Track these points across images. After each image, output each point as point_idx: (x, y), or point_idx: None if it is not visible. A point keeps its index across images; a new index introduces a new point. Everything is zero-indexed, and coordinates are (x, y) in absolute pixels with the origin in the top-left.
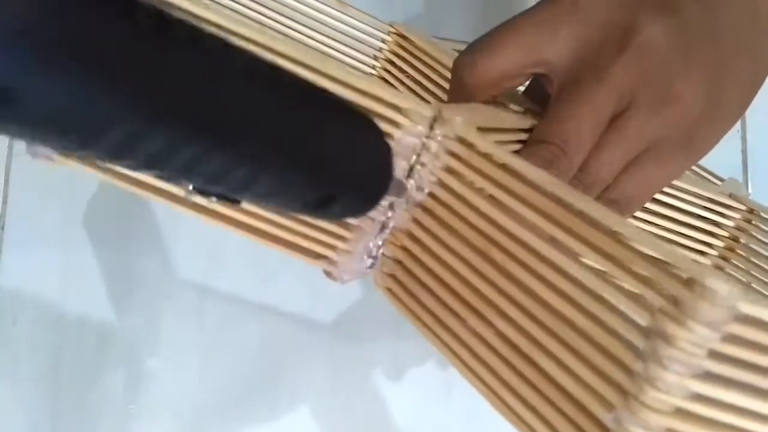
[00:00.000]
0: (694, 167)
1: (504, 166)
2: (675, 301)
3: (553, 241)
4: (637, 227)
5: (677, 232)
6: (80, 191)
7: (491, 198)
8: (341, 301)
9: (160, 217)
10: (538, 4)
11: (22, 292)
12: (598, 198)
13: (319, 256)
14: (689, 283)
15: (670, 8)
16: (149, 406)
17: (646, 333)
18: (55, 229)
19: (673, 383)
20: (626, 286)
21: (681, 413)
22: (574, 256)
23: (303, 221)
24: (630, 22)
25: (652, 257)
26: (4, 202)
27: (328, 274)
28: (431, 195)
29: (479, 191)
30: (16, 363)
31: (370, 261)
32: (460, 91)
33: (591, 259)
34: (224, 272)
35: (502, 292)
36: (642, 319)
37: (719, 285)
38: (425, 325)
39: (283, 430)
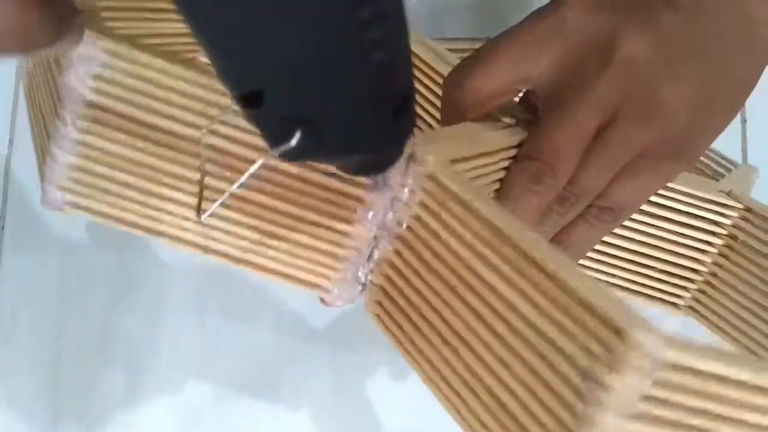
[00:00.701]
0: (708, 152)
1: (466, 205)
2: (607, 348)
3: (505, 279)
4: (580, 272)
5: (675, 232)
6: None
7: (457, 234)
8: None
9: None
10: (521, 22)
11: (22, 292)
12: (591, 207)
13: (313, 285)
14: (619, 331)
15: (650, 22)
16: (149, 406)
17: (584, 375)
18: (55, 229)
19: (610, 424)
20: (569, 327)
21: None
22: (523, 294)
23: (299, 255)
24: (611, 39)
25: (591, 303)
26: (4, 202)
27: (322, 300)
28: (409, 228)
29: (447, 227)
30: (16, 363)
31: (360, 287)
32: (451, 111)
33: (537, 299)
34: (224, 273)
35: (467, 325)
36: (581, 360)
37: (645, 336)
38: (406, 350)
39: None
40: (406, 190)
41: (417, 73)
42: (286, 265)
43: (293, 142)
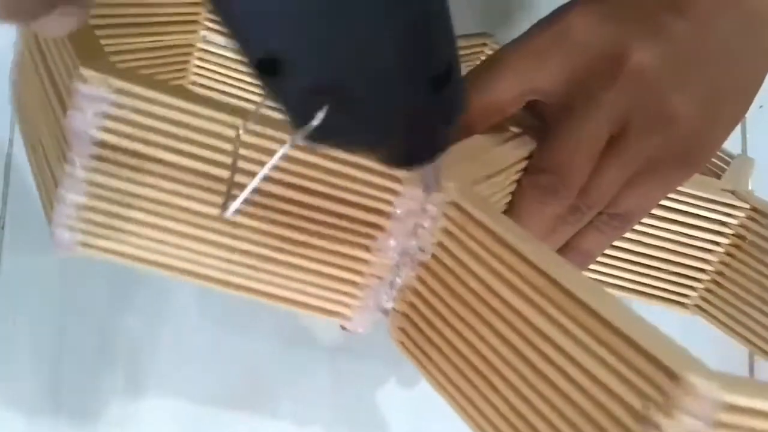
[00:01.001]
0: None
1: (494, 235)
2: (661, 391)
3: (536, 307)
4: (619, 304)
5: (681, 233)
6: None
7: (483, 261)
8: None
9: None
10: (526, 32)
11: (22, 292)
12: (601, 214)
13: (334, 314)
14: (672, 374)
15: (658, 31)
16: (150, 406)
17: (638, 417)
18: None
19: None
20: (614, 365)
21: None
22: (559, 325)
23: (318, 284)
24: (620, 49)
25: (638, 343)
26: (4, 202)
27: (343, 327)
28: (433, 255)
29: (474, 255)
30: (16, 363)
31: (382, 315)
32: (459, 126)
33: (575, 331)
34: None
35: (497, 353)
36: (633, 402)
37: (699, 380)
38: (432, 377)
39: None
40: (428, 216)
41: None
42: (305, 295)
43: (319, 117)
